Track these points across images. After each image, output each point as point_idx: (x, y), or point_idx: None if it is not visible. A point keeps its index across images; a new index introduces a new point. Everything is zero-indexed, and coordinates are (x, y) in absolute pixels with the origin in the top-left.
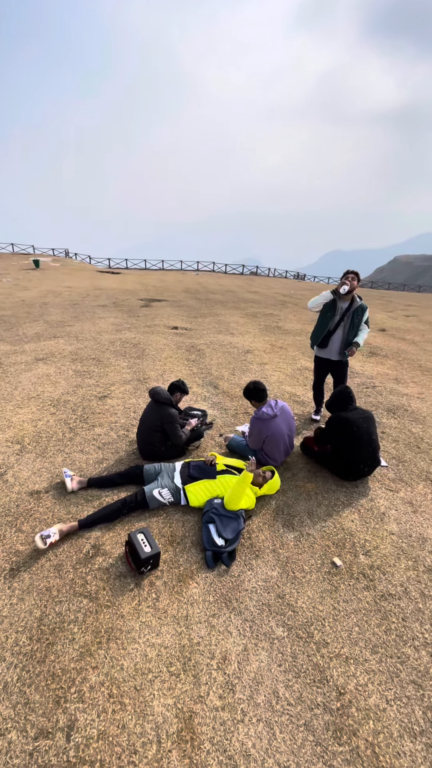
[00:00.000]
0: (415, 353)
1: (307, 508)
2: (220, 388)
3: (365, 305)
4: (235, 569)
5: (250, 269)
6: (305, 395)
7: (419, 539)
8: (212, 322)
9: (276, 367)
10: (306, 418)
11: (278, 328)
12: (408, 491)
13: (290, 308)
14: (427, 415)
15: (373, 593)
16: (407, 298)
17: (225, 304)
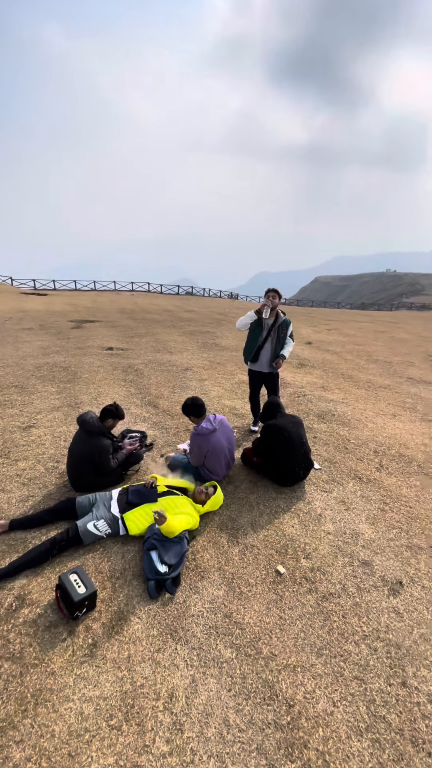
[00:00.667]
0: (337, 362)
1: (251, 519)
2: (160, 407)
3: (289, 320)
4: (180, 595)
5: (185, 289)
6: (243, 408)
7: (353, 535)
8: (150, 342)
9: (215, 383)
10: (245, 430)
11: (216, 345)
12: (340, 490)
13: (226, 326)
14: (351, 418)
15: (316, 595)
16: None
17: (162, 324)
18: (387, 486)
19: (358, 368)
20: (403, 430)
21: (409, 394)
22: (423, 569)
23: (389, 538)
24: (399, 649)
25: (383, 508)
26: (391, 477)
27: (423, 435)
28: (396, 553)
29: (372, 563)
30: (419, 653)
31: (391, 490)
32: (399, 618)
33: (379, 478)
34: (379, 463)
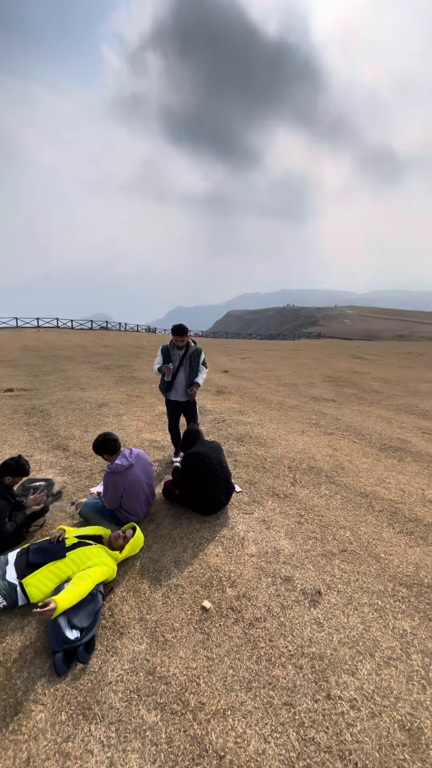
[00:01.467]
0: (252, 388)
1: (174, 556)
2: (71, 449)
3: (200, 349)
4: (94, 662)
5: (99, 324)
6: (165, 439)
7: (274, 553)
8: (59, 379)
9: (134, 417)
10: (167, 462)
11: (134, 378)
12: (261, 510)
13: (144, 358)
14: (267, 438)
15: (242, 624)
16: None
17: (74, 360)
18: (301, 499)
19: (270, 391)
20: (311, 444)
21: (313, 411)
22: (337, 574)
23: (306, 549)
24: (322, 660)
25: (300, 521)
26: (304, 489)
27: (327, 447)
28: (313, 564)
29: (293, 578)
30: (339, 659)
31: (305, 502)
32: (320, 628)
33: (294, 492)
34: (293, 477)
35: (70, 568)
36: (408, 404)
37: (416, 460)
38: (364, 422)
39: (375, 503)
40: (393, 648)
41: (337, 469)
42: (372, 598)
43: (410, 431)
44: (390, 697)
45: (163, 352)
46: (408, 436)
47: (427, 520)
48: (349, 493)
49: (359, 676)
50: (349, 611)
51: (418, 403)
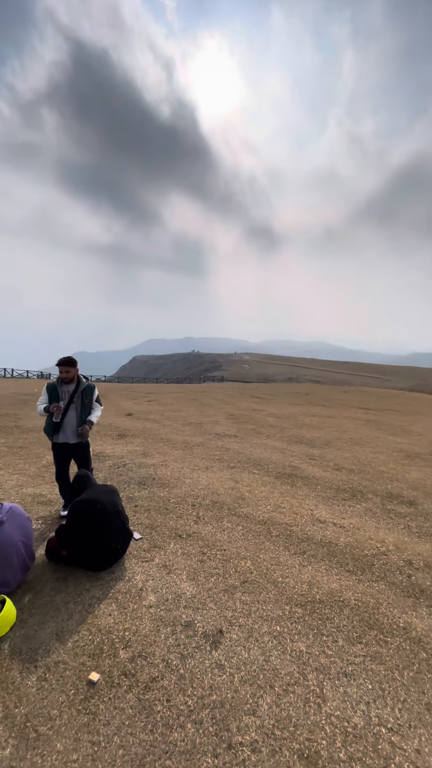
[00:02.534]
0: (157, 429)
1: (56, 627)
2: None
3: (92, 385)
4: None
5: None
6: (52, 492)
7: (175, 598)
8: None
9: (15, 470)
10: (55, 517)
11: (17, 427)
12: (162, 555)
13: (33, 406)
14: (171, 478)
15: (137, 690)
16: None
17: None
18: (204, 536)
19: (176, 431)
20: (214, 479)
21: (217, 447)
22: (239, 608)
23: (208, 588)
24: (223, 706)
25: (202, 559)
26: (207, 526)
27: (229, 480)
28: (215, 601)
29: (194, 622)
30: (240, 700)
31: (208, 539)
32: (221, 671)
33: (197, 530)
34: (196, 515)
35: None
36: (297, 435)
37: (306, 483)
38: (262, 453)
39: (272, 529)
40: (291, 673)
41: (239, 501)
42: (271, 625)
43: (299, 458)
44: (289, 727)
45: (48, 389)
46: (298, 462)
47: (317, 538)
48: (249, 523)
49: (260, 713)
50: (249, 645)
51: (305, 434)
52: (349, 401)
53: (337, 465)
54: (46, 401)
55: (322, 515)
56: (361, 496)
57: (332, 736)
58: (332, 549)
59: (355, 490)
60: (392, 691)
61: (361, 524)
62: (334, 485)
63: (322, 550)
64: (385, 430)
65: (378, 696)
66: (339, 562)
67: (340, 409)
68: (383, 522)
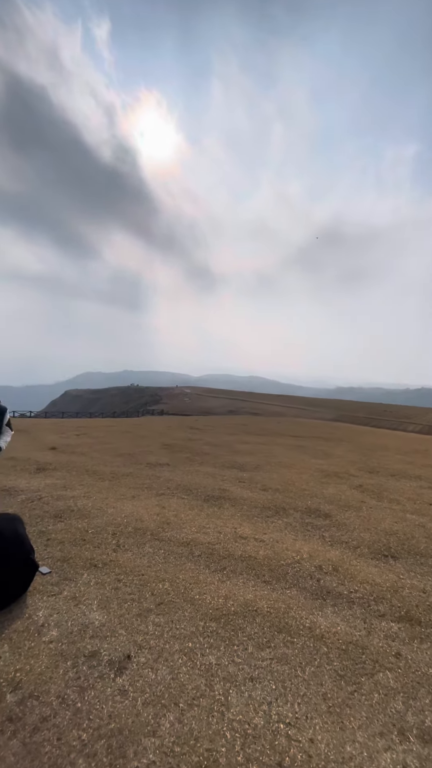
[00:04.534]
0: (83, 461)
1: None
2: None
3: (4, 407)
4: None
5: None
6: None
7: (80, 629)
8: None
9: None
10: None
11: None
12: (72, 587)
13: None
14: (92, 509)
15: (23, 734)
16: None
17: None
18: (122, 563)
19: (104, 463)
20: (140, 506)
21: (147, 476)
22: (151, 630)
23: (120, 614)
24: (121, 733)
25: (117, 587)
26: (127, 553)
27: (156, 506)
28: (126, 627)
29: (99, 652)
30: (140, 723)
31: (126, 566)
32: (124, 696)
33: (115, 558)
34: (116, 543)
35: None
36: (230, 461)
37: (233, 504)
38: (193, 480)
39: (195, 549)
40: (198, 687)
41: (163, 525)
42: (183, 642)
43: (230, 482)
44: (189, 741)
45: None
46: (228, 486)
47: (237, 554)
48: (172, 546)
49: (160, 732)
50: (158, 665)
51: (238, 459)
52: (282, 430)
53: (264, 486)
54: None
55: (244, 532)
56: (283, 512)
57: (232, 741)
58: (251, 563)
59: (278, 507)
60: (293, 688)
61: (281, 538)
62: (260, 504)
63: (242, 565)
64: (309, 454)
65: (280, 695)
66: (256, 574)
67: (273, 437)
68: (301, 534)
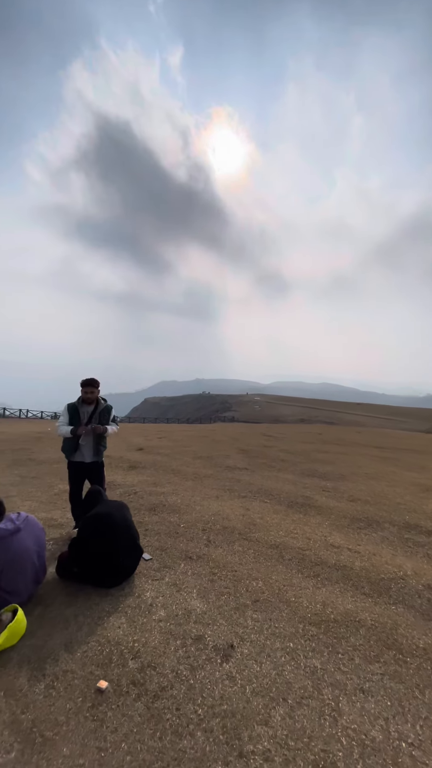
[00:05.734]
0: (168, 462)
1: (65, 638)
2: None
3: (110, 405)
4: None
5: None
6: (63, 517)
7: (185, 614)
8: None
9: (27, 497)
10: (65, 539)
11: (31, 460)
12: (172, 574)
13: (47, 442)
14: (181, 505)
15: (145, 699)
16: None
17: None
18: (215, 558)
19: (186, 464)
20: (225, 506)
21: (227, 479)
22: (250, 624)
23: (219, 605)
24: (234, 716)
25: (212, 579)
26: (218, 549)
27: (240, 508)
28: (226, 618)
29: (204, 636)
30: (252, 711)
31: (219, 561)
32: (232, 682)
33: (207, 552)
34: (207, 539)
35: None
36: (310, 469)
37: (319, 513)
38: (273, 485)
39: (285, 553)
40: (305, 687)
41: (250, 526)
42: (284, 641)
43: (313, 490)
44: (303, 738)
45: (69, 410)
46: (311, 494)
47: (331, 562)
48: (261, 547)
49: (272, 723)
50: (261, 659)
51: (318, 468)
52: (363, 440)
53: (351, 496)
54: (65, 421)
55: (336, 541)
56: (377, 525)
57: (349, 748)
58: (347, 572)
59: (370, 520)
60: (413, 709)
61: (378, 551)
62: (349, 515)
63: (337, 573)
64: (401, 467)
65: (397, 712)
66: (354, 585)
67: (353, 447)
68: (401, 549)
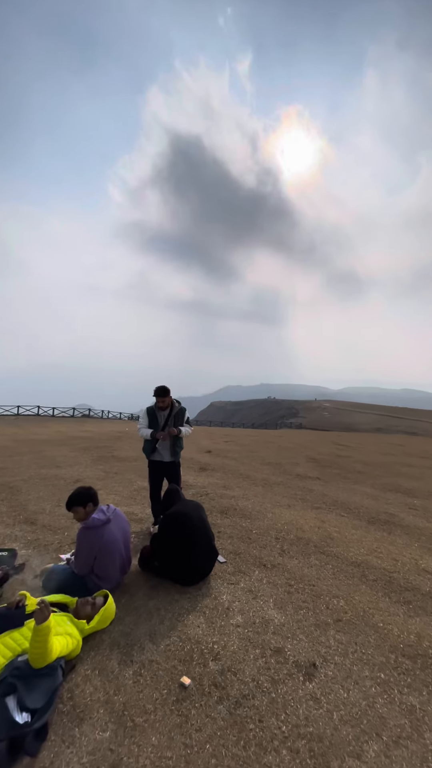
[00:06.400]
0: (236, 466)
1: (149, 629)
2: (39, 522)
3: (184, 407)
4: (45, 755)
5: (81, 412)
6: (143, 512)
7: (262, 623)
8: (33, 458)
9: (111, 491)
10: (145, 533)
11: (113, 457)
12: (247, 580)
13: (126, 441)
14: (252, 511)
15: (227, 703)
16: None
17: (50, 442)
18: (290, 569)
19: (254, 470)
20: (298, 516)
21: (299, 488)
22: (333, 645)
23: (298, 619)
24: (321, 741)
25: (289, 591)
26: (293, 559)
27: (315, 519)
28: (306, 634)
29: (284, 650)
30: (341, 740)
31: (295, 572)
32: (317, 704)
33: (282, 562)
34: (280, 548)
35: (28, 639)
36: (392, 483)
37: (406, 532)
38: (350, 498)
39: (368, 572)
40: (402, 726)
41: (326, 540)
42: (373, 670)
43: (397, 507)
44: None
45: (148, 413)
46: (395, 510)
47: (425, 589)
48: (340, 563)
49: (366, 759)
50: (348, 685)
51: (403, 483)
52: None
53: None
54: (145, 424)
55: (429, 566)
56: None
57: None
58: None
59: None
60: None
61: None
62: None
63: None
64: None
65: None
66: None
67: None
68: None
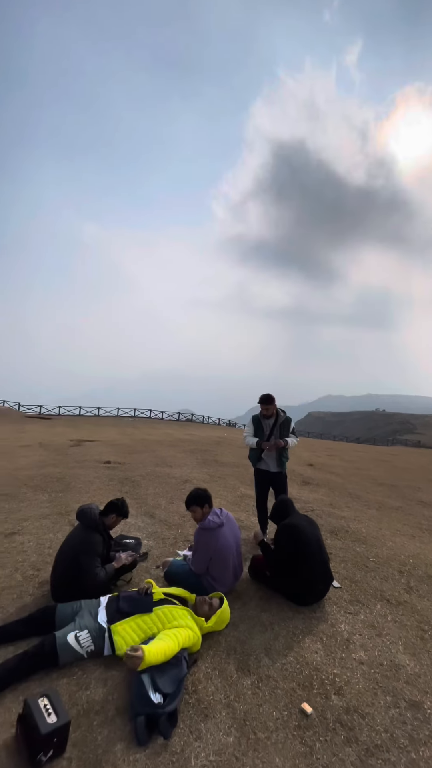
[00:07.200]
0: (342, 483)
1: (264, 642)
2: (157, 516)
3: (290, 417)
4: (176, 741)
5: (185, 416)
6: (248, 520)
7: (391, 667)
8: (149, 457)
9: (216, 495)
10: (251, 541)
11: (215, 461)
12: (367, 613)
13: (225, 446)
14: (367, 536)
15: (357, 748)
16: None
17: (161, 443)
18: (421, 610)
19: (365, 490)
20: (426, 550)
21: (423, 516)
22: None
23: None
24: None
25: (423, 636)
26: (424, 600)
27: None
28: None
29: (422, 705)
30: None
31: (427, 615)
32: None
33: (410, 600)
34: (407, 584)
35: (156, 624)
36: None
37: None
38: None
39: None
40: None
41: None
42: None
43: None
44: None
45: (254, 421)
46: None
47: None
48: None
49: None
50: None
51: None
52: None
53: None
54: (250, 432)
55: None
56: None
57: None
58: None
59: None
60: None
61: None
62: None
63: None
64: None
65: None
66: None
67: None
68: None
